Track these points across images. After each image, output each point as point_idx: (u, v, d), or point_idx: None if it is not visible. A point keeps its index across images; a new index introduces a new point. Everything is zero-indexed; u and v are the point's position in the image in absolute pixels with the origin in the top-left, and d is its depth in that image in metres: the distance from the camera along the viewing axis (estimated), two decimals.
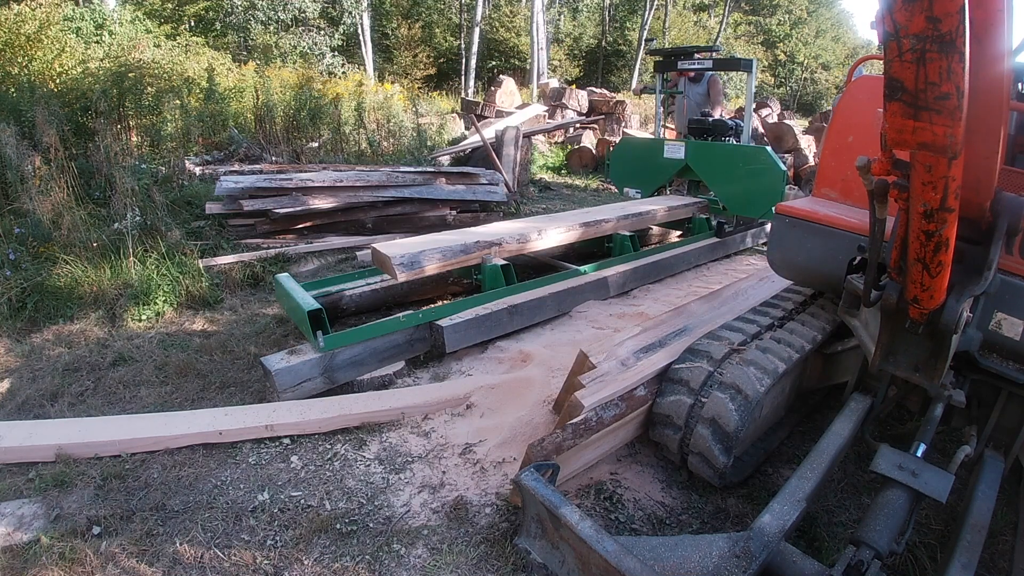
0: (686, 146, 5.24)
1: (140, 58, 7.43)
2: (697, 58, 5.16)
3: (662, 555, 1.48)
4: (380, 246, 3.31)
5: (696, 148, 5.22)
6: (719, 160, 5.05)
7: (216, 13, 18.12)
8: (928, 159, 1.19)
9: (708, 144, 5.24)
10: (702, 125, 5.41)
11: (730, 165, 4.96)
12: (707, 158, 5.14)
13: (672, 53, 5.43)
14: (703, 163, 5.18)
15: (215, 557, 1.86)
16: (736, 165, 4.91)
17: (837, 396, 2.67)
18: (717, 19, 28.45)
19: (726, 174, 5.01)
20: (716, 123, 5.37)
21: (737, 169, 4.89)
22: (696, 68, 5.15)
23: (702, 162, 5.18)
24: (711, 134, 5.40)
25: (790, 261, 2.52)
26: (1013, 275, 1.89)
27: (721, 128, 5.37)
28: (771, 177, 4.70)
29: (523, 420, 2.53)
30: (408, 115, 10.05)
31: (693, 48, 5.34)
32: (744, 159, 4.87)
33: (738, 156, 4.91)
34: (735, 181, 4.95)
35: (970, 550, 1.65)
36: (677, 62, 5.32)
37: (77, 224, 4.24)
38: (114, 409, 2.76)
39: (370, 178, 5.78)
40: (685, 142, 5.30)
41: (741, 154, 4.91)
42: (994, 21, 1.16)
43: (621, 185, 5.96)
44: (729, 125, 5.36)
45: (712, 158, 5.11)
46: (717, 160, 5.07)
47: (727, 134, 5.38)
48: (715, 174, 5.14)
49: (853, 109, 2.49)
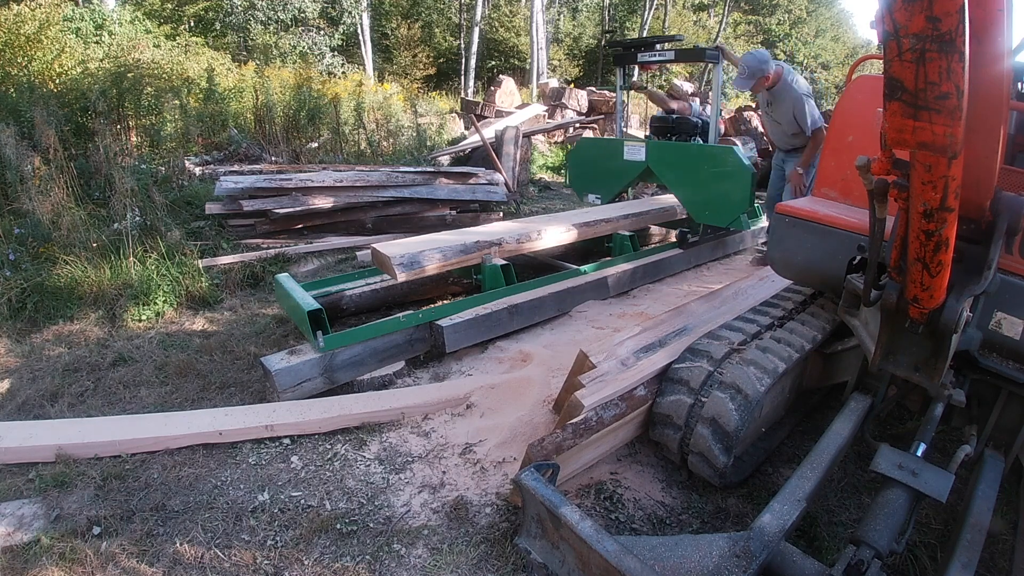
0: (646, 147, 4.72)
1: (140, 58, 7.44)
2: (658, 49, 4.61)
3: (662, 555, 1.48)
4: (380, 246, 3.31)
5: (657, 149, 4.69)
6: (681, 162, 4.53)
7: (216, 13, 18.12)
8: (928, 159, 1.19)
9: (669, 144, 4.73)
10: (664, 123, 4.92)
11: (693, 167, 4.43)
12: (669, 160, 4.63)
13: (632, 45, 4.83)
14: (664, 165, 4.65)
15: (215, 557, 1.86)
16: (699, 167, 4.38)
17: (837, 396, 2.67)
18: (717, 19, 28.44)
19: (689, 177, 4.49)
20: (679, 121, 4.86)
21: (701, 172, 4.37)
22: (657, 60, 4.61)
23: (663, 164, 4.66)
24: (675, 133, 4.88)
25: (790, 261, 2.52)
26: (1013, 275, 1.89)
27: (685, 126, 4.86)
28: (738, 181, 4.15)
29: (523, 420, 2.53)
30: (408, 115, 10.06)
31: (654, 39, 4.77)
32: (708, 160, 4.33)
33: (702, 157, 4.39)
34: (699, 185, 4.43)
35: (970, 550, 1.65)
36: (637, 54, 4.73)
37: (77, 224, 4.24)
38: (114, 409, 2.76)
39: (370, 178, 5.79)
40: (646, 142, 4.78)
41: (705, 155, 4.38)
42: (994, 21, 1.16)
43: (580, 190, 5.39)
44: (694, 123, 4.84)
45: (674, 160, 4.59)
46: (679, 162, 4.55)
47: (693, 133, 4.85)
48: (677, 177, 4.61)
49: (853, 109, 2.49)
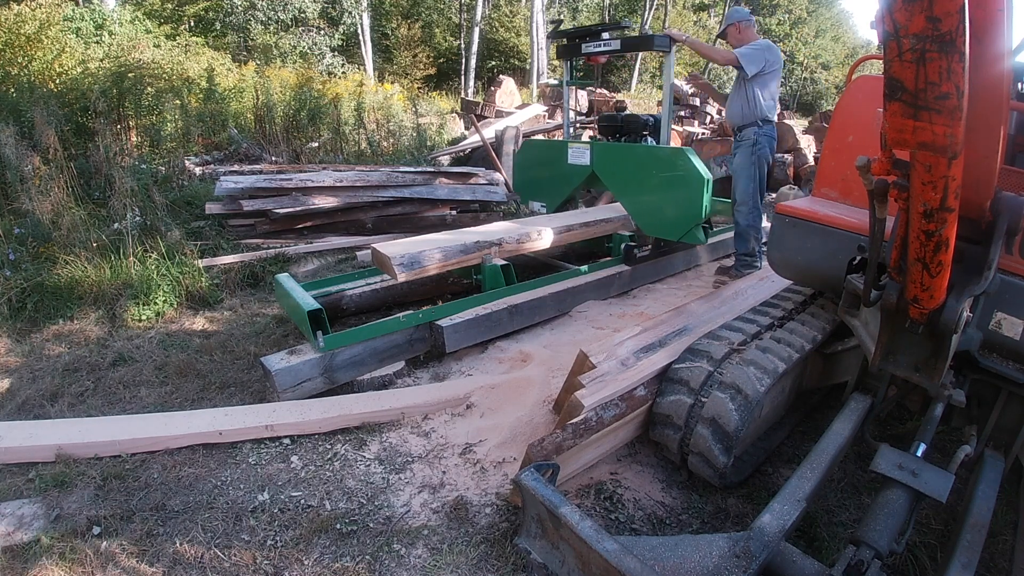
0: (591, 149, 4.20)
1: (140, 58, 7.45)
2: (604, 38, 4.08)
3: (662, 555, 1.48)
4: (380, 246, 3.31)
5: (602, 151, 4.16)
6: (627, 166, 4.02)
7: (216, 13, 18.13)
8: (928, 159, 1.19)
9: (615, 146, 4.21)
10: (613, 122, 4.37)
11: (640, 172, 3.91)
12: (614, 163, 4.10)
13: (576, 35, 4.30)
14: (610, 170, 4.13)
15: (215, 557, 1.86)
16: (647, 172, 3.85)
17: (837, 396, 2.67)
18: (717, 19, 28.46)
19: (636, 183, 3.98)
20: (628, 119, 4.32)
21: (649, 177, 3.85)
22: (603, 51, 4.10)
23: (609, 168, 4.13)
24: (623, 133, 4.33)
25: (790, 261, 2.52)
26: (1013, 275, 1.89)
27: (634, 125, 4.27)
28: (690, 188, 3.62)
29: (523, 420, 2.53)
30: (408, 115, 10.07)
31: (599, 26, 4.16)
32: (657, 164, 3.79)
33: (650, 161, 3.85)
34: (647, 192, 3.91)
35: (970, 550, 1.65)
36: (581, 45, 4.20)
37: (77, 224, 4.24)
38: (114, 409, 2.76)
39: (370, 178, 5.79)
40: (590, 144, 4.25)
41: (654, 158, 3.84)
42: (994, 21, 1.16)
43: (525, 197, 4.88)
44: (644, 121, 4.25)
45: (619, 163, 4.08)
46: (625, 166, 4.03)
47: (643, 132, 4.27)
48: (623, 183, 4.09)
49: (853, 109, 2.49)
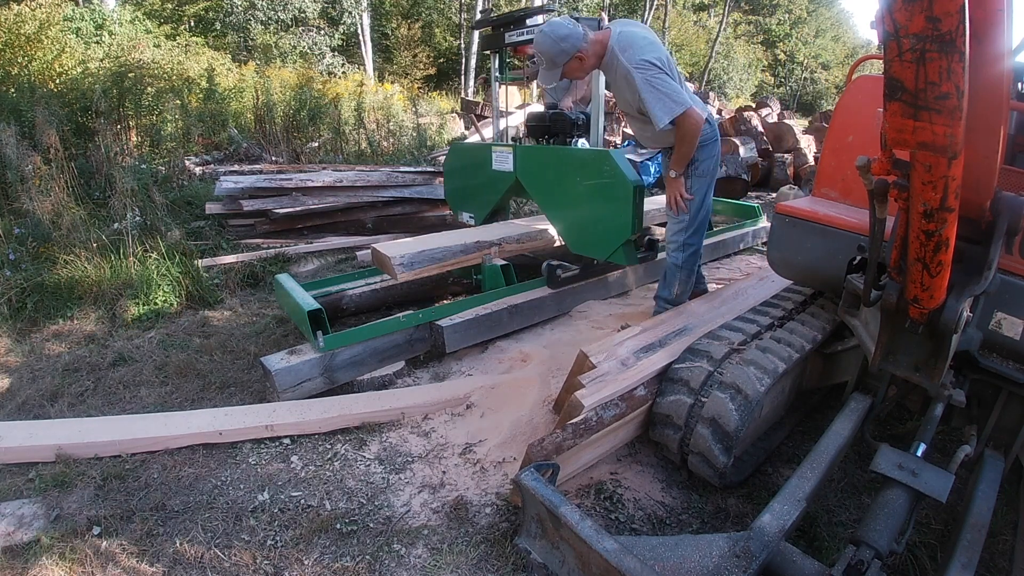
0: (514, 152, 3.64)
1: (140, 58, 7.46)
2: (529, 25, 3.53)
3: (662, 555, 1.48)
4: (380, 246, 3.32)
5: (525, 156, 3.60)
6: (549, 172, 3.44)
7: (216, 13, 18.13)
8: (928, 159, 1.19)
9: (535, 149, 3.61)
10: (541, 121, 3.72)
11: (563, 179, 3.33)
12: (537, 169, 3.54)
13: (499, 23, 3.75)
14: (533, 177, 3.57)
15: (215, 557, 1.86)
16: (571, 179, 3.26)
17: (837, 396, 2.67)
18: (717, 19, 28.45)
19: (560, 193, 3.41)
20: (555, 117, 3.62)
21: (572, 185, 3.26)
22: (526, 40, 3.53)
23: (532, 175, 3.58)
24: (552, 135, 3.68)
25: (790, 261, 2.52)
26: (1013, 275, 1.89)
27: (561, 124, 3.59)
28: (615, 198, 3.03)
29: (523, 420, 2.53)
30: (408, 115, 10.07)
31: (522, 12, 3.60)
32: (579, 169, 3.20)
33: (572, 165, 3.26)
34: (571, 204, 3.35)
35: (970, 550, 1.65)
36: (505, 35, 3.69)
37: (77, 224, 4.25)
38: (114, 409, 2.76)
39: (370, 178, 5.79)
40: (513, 147, 3.67)
41: (576, 162, 3.24)
42: (994, 21, 1.16)
43: (455, 207, 4.39)
44: (573, 119, 3.58)
45: (542, 169, 3.50)
46: (547, 172, 3.46)
47: (572, 133, 3.61)
48: (546, 193, 3.52)
49: (853, 109, 2.49)
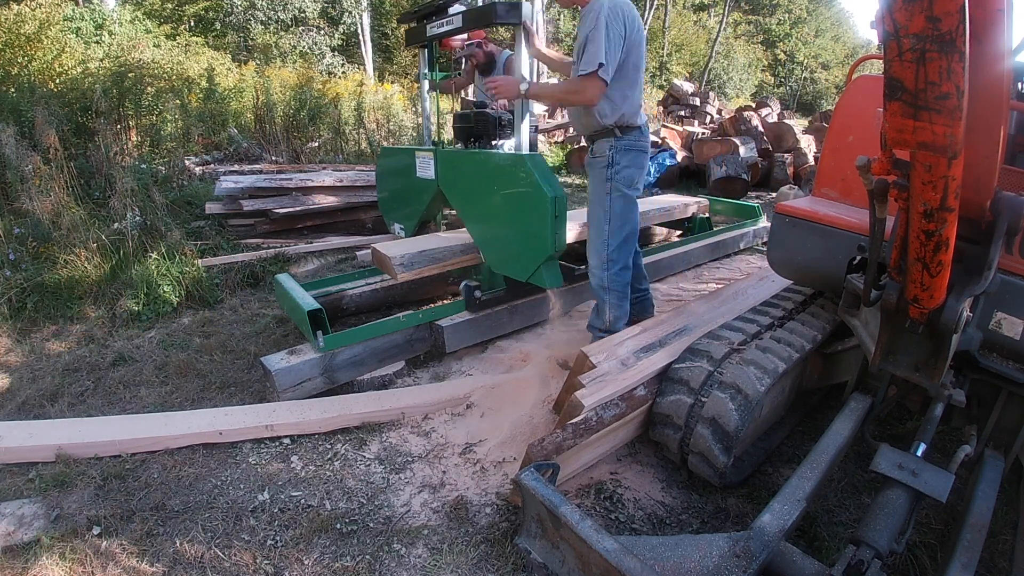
0: (435, 158, 3.34)
1: (140, 58, 7.46)
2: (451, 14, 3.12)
3: (662, 555, 1.48)
4: (380, 246, 3.31)
5: (445, 161, 3.29)
6: (467, 179, 3.14)
7: (216, 13, 18.14)
8: (928, 159, 1.19)
9: (454, 153, 3.29)
10: (466, 122, 3.28)
11: (481, 187, 3.02)
12: (457, 176, 3.24)
13: (422, 14, 3.37)
14: (454, 184, 3.27)
15: (215, 557, 1.86)
16: (488, 187, 2.95)
17: (837, 396, 2.67)
18: (717, 19, 28.45)
19: (478, 203, 3.11)
20: (478, 117, 3.20)
21: (490, 195, 2.95)
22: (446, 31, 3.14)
23: (452, 183, 3.28)
24: (476, 137, 3.27)
25: (790, 261, 2.52)
26: (1013, 275, 1.89)
27: (484, 125, 3.19)
28: (532, 210, 2.71)
29: (523, 420, 2.53)
30: (408, 115, 10.07)
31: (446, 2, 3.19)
32: (497, 177, 2.88)
33: (488, 172, 2.95)
34: (489, 216, 3.05)
35: (970, 550, 1.65)
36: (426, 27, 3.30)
37: (77, 224, 4.24)
38: (114, 409, 2.76)
39: (370, 178, 5.79)
40: (434, 152, 3.35)
41: (492, 168, 2.92)
42: (994, 21, 1.16)
43: (387, 217, 4.08)
44: (495, 119, 3.18)
45: (461, 176, 3.20)
46: (466, 179, 3.16)
47: (496, 135, 3.22)
48: (466, 203, 3.22)
49: (853, 109, 2.49)
